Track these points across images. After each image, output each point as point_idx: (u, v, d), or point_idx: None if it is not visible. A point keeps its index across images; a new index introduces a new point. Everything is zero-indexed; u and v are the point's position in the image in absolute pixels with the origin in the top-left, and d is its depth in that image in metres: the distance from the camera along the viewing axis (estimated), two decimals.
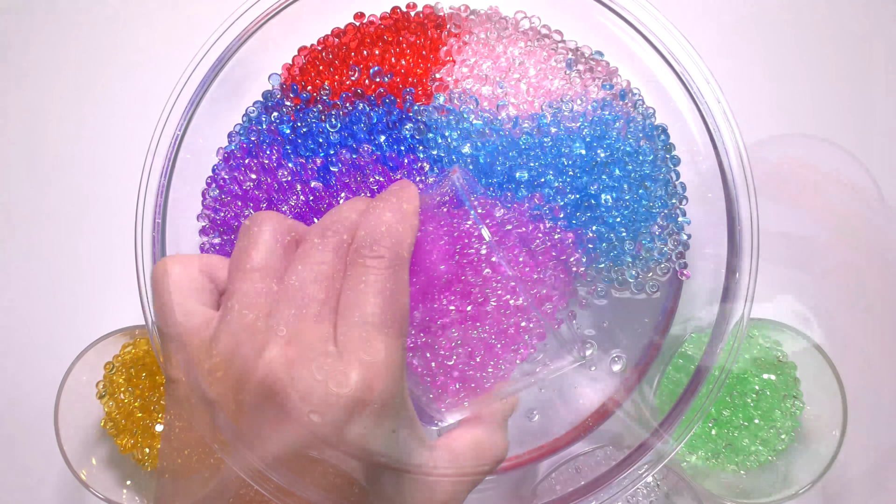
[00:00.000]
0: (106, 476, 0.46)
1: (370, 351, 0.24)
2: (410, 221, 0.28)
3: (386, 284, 0.26)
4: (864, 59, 0.53)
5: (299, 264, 0.26)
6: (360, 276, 0.26)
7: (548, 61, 0.42)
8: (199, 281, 0.28)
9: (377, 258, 0.26)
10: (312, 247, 0.27)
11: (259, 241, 0.27)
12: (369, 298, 0.25)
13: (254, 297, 0.25)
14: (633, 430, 0.47)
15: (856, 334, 0.50)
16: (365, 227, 0.27)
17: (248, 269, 0.26)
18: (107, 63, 0.53)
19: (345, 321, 0.25)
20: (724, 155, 0.40)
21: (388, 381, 0.24)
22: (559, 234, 0.39)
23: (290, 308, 0.25)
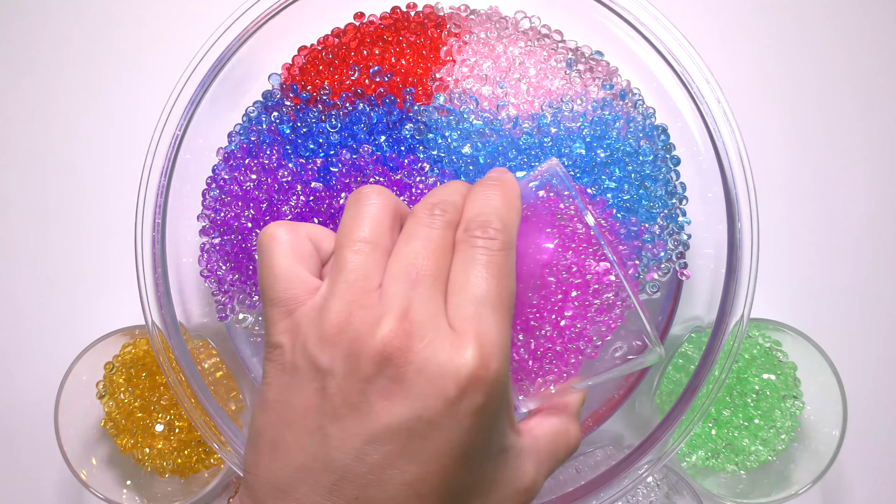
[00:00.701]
0: (106, 476, 0.46)
1: (484, 328, 0.24)
2: (516, 205, 0.28)
3: (498, 266, 0.26)
4: (864, 58, 0.53)
5: (409, 239, 0.26)
6: (471, 255, 0.26)
7: (548, 61, 0.42)
8: (307, 248, 0.28)
9: (489, 239, 0.26)
10: (420, 222, 0.27)
11: (368, 214, 0.27)
12: (482, 277, 0.25)
13: (365, 269, 0.26)
14: (633, 430, 0.47)
15: (856, 334, 0.50)
16: (475, 209, 0.27)
17: (358, 240, 0.26)
18: (107, 63, 0.53)
19: (457, 298, 0.25)
20: (724, 155, 0.40)
21: (501, 359, 0.25)
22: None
23: (402, 282, 0.25)
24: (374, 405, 0.24)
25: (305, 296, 0.26)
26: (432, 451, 0.24)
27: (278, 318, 0.26)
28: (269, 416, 0.26)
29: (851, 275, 0.51)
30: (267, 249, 0.27)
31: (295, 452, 0.24)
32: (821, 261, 0.51)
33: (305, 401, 0.25)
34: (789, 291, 0.51)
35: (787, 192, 0.52)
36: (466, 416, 0.24)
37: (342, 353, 0.24)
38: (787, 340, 0.46)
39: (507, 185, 0.29)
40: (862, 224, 0.51)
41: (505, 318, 0.26)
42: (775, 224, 0.51)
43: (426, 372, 0.24)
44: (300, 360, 0.25)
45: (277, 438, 0.25)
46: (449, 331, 0.24)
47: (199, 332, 0.45)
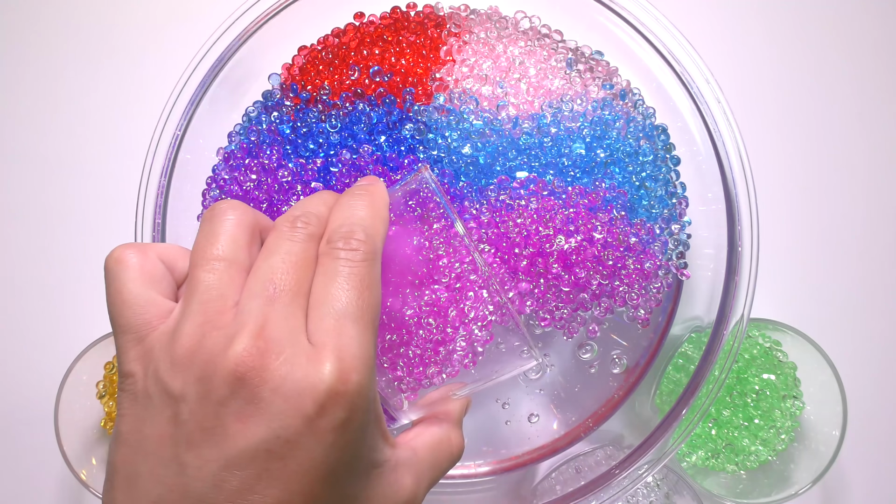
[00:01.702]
0: None
1: (344, 342, 0.24)
2: (382, 215, 0.28)
3: (360, 277, 0.25)
4: (865, 58, 0.53)
5: (269, 254, 0.26)
6: (333, 267, 0.25)
7: (548, 61, 0.42)
8: (157, 269, 0.27)
9: (351, 251, 0.26)
10: (282, 236, 0.26)
11: (222, 230, 0.26)
12: (343, 290, 0.25)
13: (219, 288, 0.25)
14: (633, 430, 0.47)
15: (856, 334, 0.50)
16: (338, 220, 0.27)
17: (212, 258, 0.25)
18: (107, 63, 0.53)
19: (317, 312, 0.24)
20: (724, 155, 0.40)
21: (362, 373, 0.24)
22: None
23: (258, 298, 0.24)
24: (230, 428, 0.23)
25: (157, 320, 0.25)
26: (293, 471, 0.23)
27: (129, 345, 0.25)
28: (123, 449, 0.24)
29: (851, 275, 0.51)
30: (113, 274, 0.26)
31: (151, 485, 0.23)
32: (821, 261, 0.51)
33: (159, 430, 0.23)
34: (789, 291, 0.51)
35: (787, 192, 0.52)
36: (327, 433, 0.23)
37: (194, 377, 0.23)
38: (787, 340, 0.46)
39: (375, 194, 0.28)
40: (862, 224, 0.51)
41: (367, 329, 0.25)
42: (775, 224, 0.51)
43: (282, 390, 0.23)
44: (152, 388, 0.24)
45: (132, 472, 0.24)
46: (307, 346, 0.24)
47: None
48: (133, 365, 0.25)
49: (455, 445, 0.30)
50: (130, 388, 0.25)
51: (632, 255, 0.39)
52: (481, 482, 0.45)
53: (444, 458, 0.29)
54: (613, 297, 0.39)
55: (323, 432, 0.23)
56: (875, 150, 0.52)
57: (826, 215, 0.51)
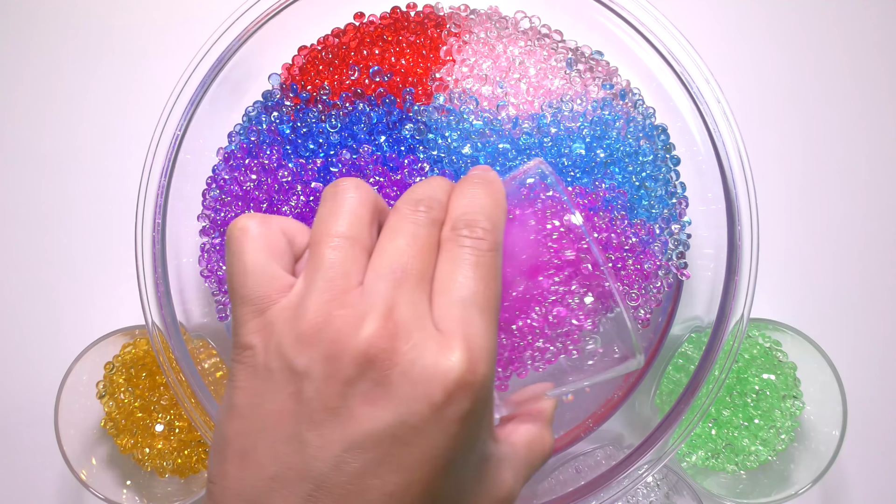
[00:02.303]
0: (106, 476, 0.46)
1: (472, 332, 0.23)
2: (503, 206, 0.27)
3: (487, 267, 0.25)
4: (865, 58, 0.53)
5: (393, 235, 0.25)
6: (459, 255, 0.25)
7: (548, 61, 0.42)
8: (280, 242, 0.26)
9: (478, 239, 0.25)
10: (405, 218, 0.26)
11: (346, 208, 0.26)
12: (470, 279, 0.24)
13: (344, 266, 0.24)
14: (633, 430, 0.47)
15: (856, 334, 0.50)
16: (461, 207, 0.26)
17: (336, 235, 0.25)
18: (107, 63, 0.53)
19: (443, 299, 0.24)
20: (724, 155, 0.40)
21: (488, 365, 0.24)
22: None
23: (386, 280, 0.24)
24: (356, 410, 0.22)
25: (278, 294, 0.25)
26: (416, 458, 0.23)
27: (249, 317, 0.25)
28: (238, 422, 0.24)
29: (851, 275, 0.51)
30: (237, 243, 0.26)
31: (267, 461, 0.23)
32: (821, 261, 0.51)
33: (279, 406, 0.23)
34: (789, 291, 0.51)
35: (787, 192, 0.52)
36: (452, 423, 0.23)
37: (321, 355, 0.23)
38: (787, 340, 0.46)
39: (494, 183, 0.28)
40: (862, 224, 0.51)
41: (492, 321, 0.25)
42: (775, 224, 0.51)
43: (411, 375, 0.22)
44: (274, 363, 0.24)
45: (248, 446, 0.24)
46: (435, 333, 0.23)
47: (199, 332, 0.45)
48: (252, 337, 0.24)
49: (548, 444, 0.30)
50: (249, 361, 0.24)
51: (631, 256, 0.39)
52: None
53: (538, 455, 0.29)
54: None
55: (448, 422, 0.23)
56: (875, 149, 0.52)
57: (826, 215, 0.51)
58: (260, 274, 0.25)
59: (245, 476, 0.23)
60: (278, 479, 0.23)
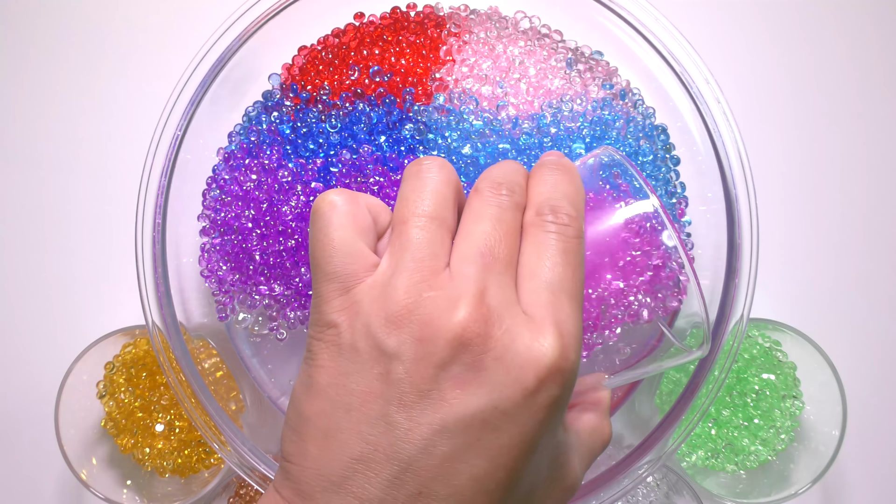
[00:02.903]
0: (106, 476, 0.46)
1: (562, 318, 0.23)
2: (583, 192, 0.27)
3: (574, 253, 0.25)
4: (865, 58, 0.53)
5: (478, 218, 0.25)
6: (545, 240, 0.25)
7: (548, 61, 0.42)
8: (367, 220, 0.26)
9: (563, 225, 0.25)
10: (488, 202, 0.25)
11: (431, 187, 0.25)
12: (558, 264, 0.24)
13: (431, 247, 0.24)
14: (633, 430, 0.47)
15: (856, 334, 0.50)
16: (544, 192, 0.26)
17: (422, 214, 0.25)
18: (107, 63, 0.53)
19: (531, 284, 0.24)
20: (724, 155, 0.40)
21: (577, 351, 0.23)
22: None
23: (474, 264, 0.24)
24: (447, 393, 0.22)
25: (365, 272, 0.24)
26: (504, 444, 0.22)
27: (333, 294, 0.24)
28: (320, 401, 0.24)
29: (851, 275, 0.51)
30: (325, 218, 0.25)
31: (352, 441, 0.23)
32: (821, 261, 0.51)
33: (367, 386, 0.23)
34: (789, 291, 0.51)
35: (787, 192, 0.52)
36: (541, 409, 0.23)
37: (413, 337, 0.22)
38: (787, 340, 0.46)
39: (572, 170, 0.27)
40: (861, 224, 0.51)
41: (579, 307, 0.24)
42: (775, 224, 0.51)
43: (505, 360, 0.22)
44: (361, 342, 0.23)
45: (331, 426, 0.23)
46: (526, 318, 0.23)
47: (199, 332, 0.45)
48: (337, 315, 0.24)
49: (607, 432, 0.30)
50: (334, 340, 0.24)
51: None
52: None
53: (598, 443, 0.29)
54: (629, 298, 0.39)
55: (538, 408, 0.23)
56: (875, 149, 0.52)
57: (826, 215, 0.51)
58: (347, 251, 0.25)
59: (327, 456, 0.23)
60: (363, 460, 0.22)
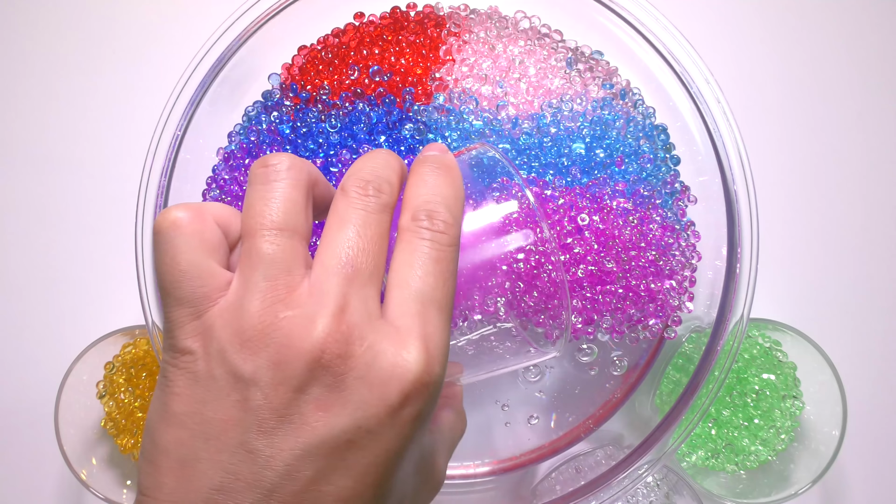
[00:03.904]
0: (106, 476, 0.46)
1: (429, 331, 0.23)
2: (462, 195, 0.26)
3: (447, 262, 0.24)
4: (865, 58, 0.53)
5: (341, 223, 0.23)
6: (418, 247, 0.24)
7: (548, 60, 0.42)
8: (215, 236, 0.24)
9: (439, 233, 0.24)
10: (353, 204, 0.24)
11: (280, 193, 0.24)
12: (430, 274, 0.23)
13: (284, 261, 0.23)
14: (633, 430, 0.47)
15: (856, 334, 0.50)
16: (421, 194, 0.25)
17: (271, 225, 0.23)
18: (107, 63, 0.53)
19: (400, 293, 0.23)
20: (724, 155, 0.40)
21: (442, 365, 0.23)
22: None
23: (335, 276, 0.22)
24: (309, 416, 0.21)
25: (217, 293, 0.23)
26: (370, 462, 0.22)
27: (186, 320, 0.23)
28: (176, 430, 0.22)
29: (851, 275, 0.51)
30: (169, 239, 0.23)
31: (212, 472, 0.21)
32: (821, 261, 0.51)
33: (224, 414, 0.22)
34: (789, 291, 0.51)
35: (787, 192, 0.52)
36: (407, 424, 0.22)
37: (269, 361, 0.21)
38: (787, 340, 0.46)
39: (453, 170, 0.26)
40: (862, 224, 0.51)
41: (448, 318, 0.24)
42: (775, 224, 0.51)
43: (368, 378, 0.21)
44: (217, 369, 0.22)
45: (189, 456, 0.22)
46: (390, 331, 0.22)
47: None
48: (191, 342, 0.23)
49: (464, 424, 0.30)
50: (189, 367, 0.23)
51: (654, 253, 0.39)
52: (481, 482, 0.45)
53: (458, 435, 0.29)
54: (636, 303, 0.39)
55: (403, 423, 0.22)
56: (875, 149, 0.52)
57: (826, 215, 0.51)
58: (197, 275, 0.23)
59: (185, 487, 0.22)
60: (224, 490, 0.21)
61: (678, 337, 0.43)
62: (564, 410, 0.45)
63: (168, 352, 0.23)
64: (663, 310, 0.40)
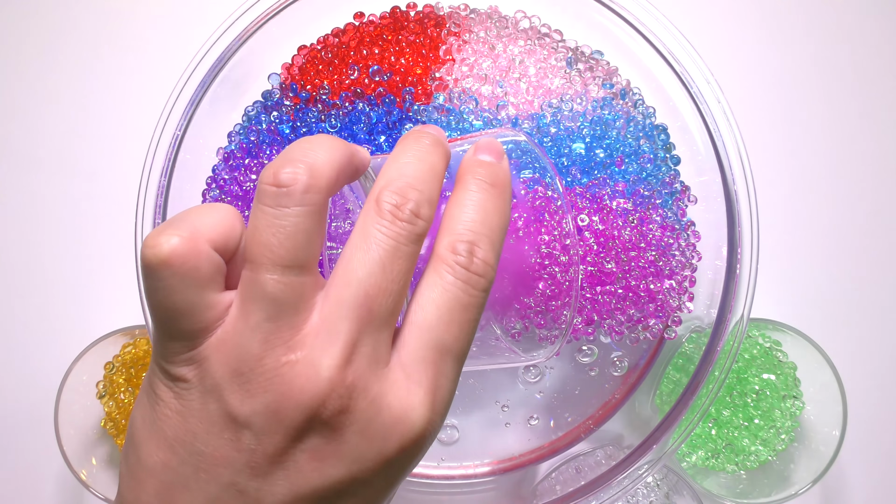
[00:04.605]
0: (106, 476, 0.46)
1: (441, 382, 0.21)
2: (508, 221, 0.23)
3: (477, 310, 0.22)
4: (865, 58, 0.53)
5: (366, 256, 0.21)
6: (448, 287, 0.21)
7: (548, 60, 0.42)
8: (211, 265, 0.21)
9: (475, 276, 0.22)
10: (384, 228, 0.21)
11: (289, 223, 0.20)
12: (455, 321, 0.21)
13: (291, 301, 0.20)
14: (633, 430, 0.47)
15: (856, 334, 0.50)
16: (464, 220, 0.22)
17: (280, 261, 0.20)
18: (107, 63, 0.53)
19: (419, 336, 0.21)
20: (724, 155, 0.40)
21: (445, 413, 0.22)
22: None
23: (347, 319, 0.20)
24: (303, 465, 0.20)
25: (215, 323, 0.21)
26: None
27: (180, 350, 0.21)
28: (165, 454, 0.21)
29: (851, 275, 0.51)
30: (160, 278, 0.20)
31: (198, 501, 0.21)
32: (821, 261, 0.51)
33: (216, 450, 0.21)
34: (789, 291, 0.51)
35: (787, 192, 0.52)
36: (400, 472, 0.21)
37: (266, 407, 0.20)
38: (787, 340, 0.46)
39: (506, 191, 0.23)
40: (862, 224, 0.51)
41: (461, 366, 0.22)
42: (775, 224, 0.51)
43: (368, 433, 0.20)
44: (211, 404, 0.21)
45: (175, 482, 0.21)
46: (398, 379, 0.21)
47: None
48: (185, 371, 0.21)
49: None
50: (182, 394, 0.21)
51: (655, 253, 0.39)
52: (481, 482, 0.45)
53: None
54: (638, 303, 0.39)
55: (396, 471, 0.21)
56: (875, 149, 0.52)
57: (826, 215, 0.51)
58: (191, 311, 0.21)
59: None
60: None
61: (678, 337, 0.43)
62: (564, 411, 0.45)
63: (159, 374, 0.22)
64: (663, 310, 0.40)
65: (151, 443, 0.21)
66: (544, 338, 0.30)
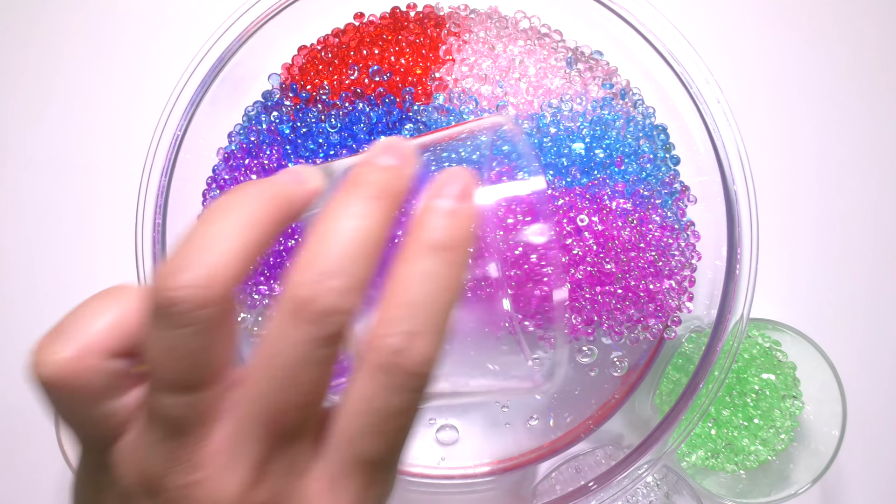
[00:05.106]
0: None
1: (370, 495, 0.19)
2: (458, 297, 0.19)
3: (407, 413, 0.19)
4: (865, 58, 0.53)
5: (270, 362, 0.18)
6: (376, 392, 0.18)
7: (547, 60, 0.42)
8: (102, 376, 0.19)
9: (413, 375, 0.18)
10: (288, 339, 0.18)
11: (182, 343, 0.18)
12: (383, 433, 0.19)
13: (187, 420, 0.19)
14: (633, 430, 0.47)
15: (856, 334, 0.50)
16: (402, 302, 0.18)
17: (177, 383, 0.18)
18: (107, 63, 0.53)
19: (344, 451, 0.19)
20: (724, 155, 0.40)
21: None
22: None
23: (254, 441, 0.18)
24: None
25: (120, 429, 0.20)
26: None
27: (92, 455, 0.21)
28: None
29: (851, 275, 0.51)
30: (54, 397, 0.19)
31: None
32: (820, 261, 0.51)
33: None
34: (789, 291, 0.51)
35: (787, 192, 0.52)
36: None
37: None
38: (787, 340, 0.46)
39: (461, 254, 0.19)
40: (862, 224, 0.51)
41: (395, 470, 0.20)
42: (775, 224, 0.51)
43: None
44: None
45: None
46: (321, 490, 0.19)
47: None
48: (102, 464, 0.20)
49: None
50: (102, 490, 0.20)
51: (655, 253, 0.39)
52: (481, 482, 0.45)
53: None
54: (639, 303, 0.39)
55: None
56: (875, 150, 0.52)
57: (826, 215, 0.51)
58: (88, 424, 0.20)
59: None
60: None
61: (678, 337, 0.43)
62: (564, 411, 0.45)
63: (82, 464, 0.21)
64: (663, 310, 0.40)
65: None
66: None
